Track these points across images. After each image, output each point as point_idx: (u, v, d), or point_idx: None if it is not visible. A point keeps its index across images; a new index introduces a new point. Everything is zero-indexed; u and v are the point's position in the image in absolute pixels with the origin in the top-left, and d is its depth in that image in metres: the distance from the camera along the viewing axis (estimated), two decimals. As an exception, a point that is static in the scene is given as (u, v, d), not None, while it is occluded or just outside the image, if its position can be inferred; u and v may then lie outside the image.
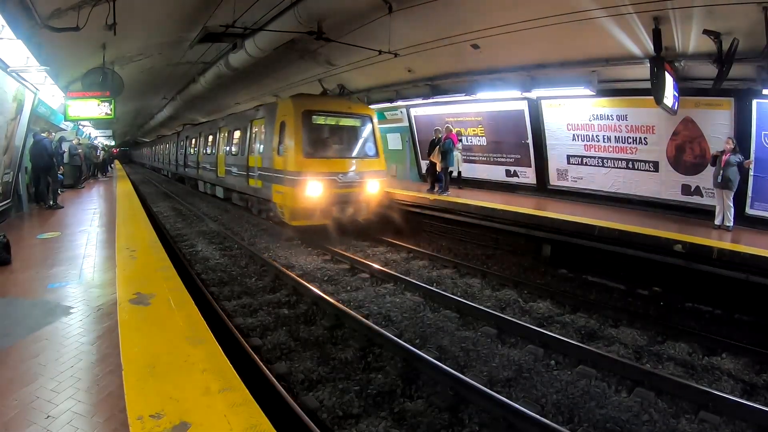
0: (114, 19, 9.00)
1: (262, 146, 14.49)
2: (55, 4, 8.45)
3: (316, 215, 12.34)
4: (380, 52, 12.31)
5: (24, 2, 7.71)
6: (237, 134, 17.25)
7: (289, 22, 10.87)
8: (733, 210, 9.96)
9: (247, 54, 13.30)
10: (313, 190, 11.98)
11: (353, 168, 12.94)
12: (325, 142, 13.26)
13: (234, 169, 17.01)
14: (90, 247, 8.59)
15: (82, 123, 22.97)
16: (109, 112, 13.78)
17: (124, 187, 20.83)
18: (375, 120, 14.01)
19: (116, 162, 48.42)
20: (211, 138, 20.90)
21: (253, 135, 15.38)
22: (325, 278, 9.76)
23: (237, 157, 16.78)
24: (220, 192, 19.62)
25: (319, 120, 13.06)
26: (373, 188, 13.24)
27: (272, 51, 13.17)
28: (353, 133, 13.83)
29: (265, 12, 11.45)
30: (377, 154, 13.78)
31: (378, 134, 14.01)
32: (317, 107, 13.24)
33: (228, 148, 18.11)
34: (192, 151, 24.96)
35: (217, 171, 19.36)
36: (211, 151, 20.56)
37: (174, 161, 31.95)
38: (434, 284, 9.28)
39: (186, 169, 26.97)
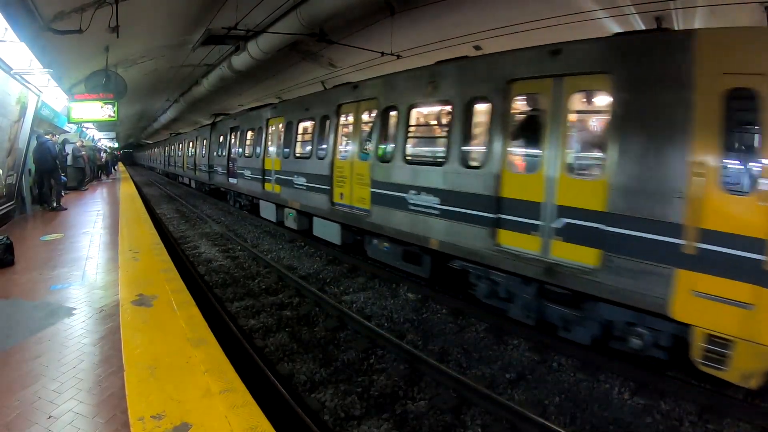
0: (117, 21, 9.03)
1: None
2: (58, 7, 8.49)
3: None
4: (382, 53, 12.32)
5: (27, 5, 7.75)
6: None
7: (292, 24, 10.89)
8: None
9: (249, 56, 13.32)
10: None
11: None
12: None
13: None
14: (93, 248, 8.61)
15: (86, 125, 23.04)
16: (112, 114, 13.84)
17: (127, 190, 20.90)
18: None
19: (120, 164, 48.61)
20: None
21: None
22: (328, 280, 9.76)
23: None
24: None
25: None
26: None
27: (275, 53, 13.18)
28: None
29: (267, 14, 11.47)
30: None
31: None
32: None
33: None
34: (254, 150, 15.98)
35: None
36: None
37: (206, 166, 23.58)
38: None
39: (237, 180, 18.03)
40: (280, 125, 13.86)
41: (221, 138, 20.59)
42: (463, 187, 7.17)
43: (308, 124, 12.33)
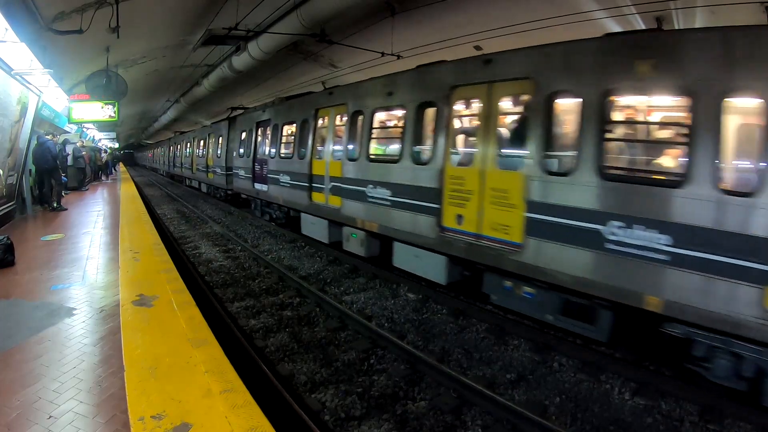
0: (117, 22, 9.04)
1: None
2: (58, 7, 8.50)
3: None
4: (383, 54, 12.34)
5: (28, 5, 7.77)
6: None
7: (292, 25, 10.91)
8: None
9: (250, 56, 13.35)
10: None
11: None
12: None
13: None
14: (93, 249, 8.61)
15: (86, 125, 23.06)
16: (112, 114, 13.86)
17: (128, 190, 20.90)
18: None
19: (120, 164, 48.66)
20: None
21: None
22: (328, 280, 9.76)
23: None
24: None
25: None
26: None
27: (275, 53, 13.21)
28: None
29: (267, 14, 11.50)
30: None
31: None
32: None
33: None
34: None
35: None
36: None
37: (222, 168, 20.67)
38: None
39: (268, 187, 14.44)
40: (341, 117, 10.52)
41: (243, 135, 17.12)
42: None
43: (395, 114, 9.48)
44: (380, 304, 8.32)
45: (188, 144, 29.38)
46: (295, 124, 12.68)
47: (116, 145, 50.63)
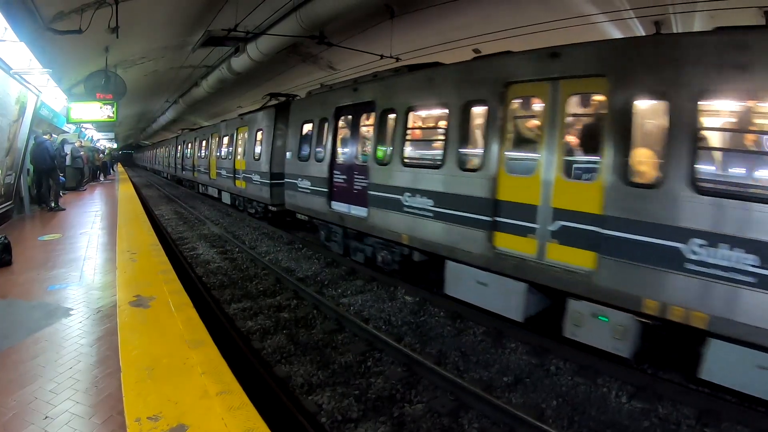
0: (117, 22, 9.05)
1: None
2: (58, 7, 8.50)
3: None
4: (382, 56, 12.36)
5: (27, 5, 7.77)
6: None
7: (291, 27, 10.93)
8: None
9: (249, 58, 13.36)
10: None
11: None
12: None
13: None
14: (91, 249, 8.60)
15: (85, 126, 23.04)
16: (111, 115, 13.86)
17: (125, 190, 20.86)
18: None
19: (119, 165, 48.61)
20: None
21: None
22: (326, 282, 9.75)
23: None
24: None
25: None
26: None
27: (274, 55, 13.22)
28: None
29: (267, 16, 11.52)
30: None
31: None
32: None
33: None
34: None
35: None
36: None
37: (261, 176, 15.19)
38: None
39: (370, 212, 9.36)
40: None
41: (308, 128, 11.92)
42: None
43: None
44: (377, 307, 8.31)
45: (204, 142, 23.40)
46: (448, 110, 7.65)
47: (115, 146, 50.53)
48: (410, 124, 8.61)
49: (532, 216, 6.24)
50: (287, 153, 12.86)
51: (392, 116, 8.87)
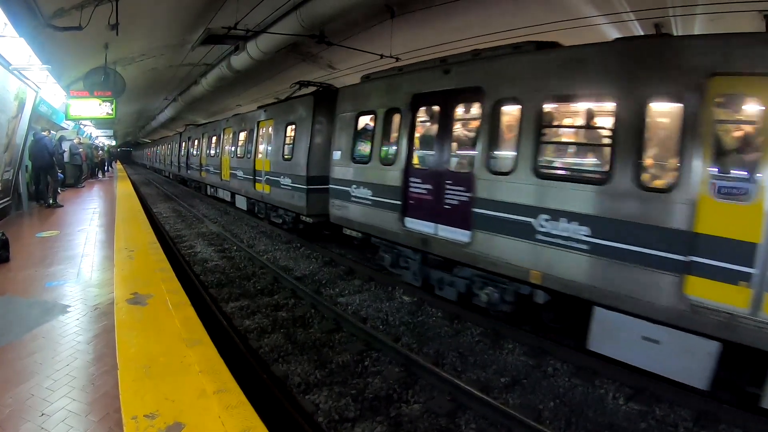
0: (117, 19, 9.01)
1: None
2: (58, 3, 8.47)
3: None
4: (381, 56, 12.34)
5: (27, 1, 7.74)
6: None
7: (292, 25, 10.90)
8: None
9: (249, 56, 13.32)
10: None
11: None
12: None
13: None
14: (89, 246, 8.58)
15: (84, 122, 23.00)
16: (110, 112, 13.80)
17: (124, 188, 20.83)
18: None
19: (117, 162, 48.55)
20: None
21: None
22: (324, 281, 9.74)
23: None
24: None
25: None
26: None
27: (274, 53, 13.18)
28: None
29: (267, 14, 11.48)
30: None
31: None
32: None
33: None
34: None
35: None
36: None
37: (294, 182, 12.57)
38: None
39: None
40: None
41: (365, 123, 9.82)
42: None
43: None
44: (375, 306, 8.31)
45: (214, 138, 21.16)
46: (617, 104, 5.67)
47: (113, 143, 50.45)
48: (550, 121, 6.48)
49: (749, 257, 4.59)
50: (334, 153, 10.46)
51: (513, 108, 6.71)
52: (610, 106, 5.73)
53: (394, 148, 8.64)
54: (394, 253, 9.03)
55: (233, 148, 18.17)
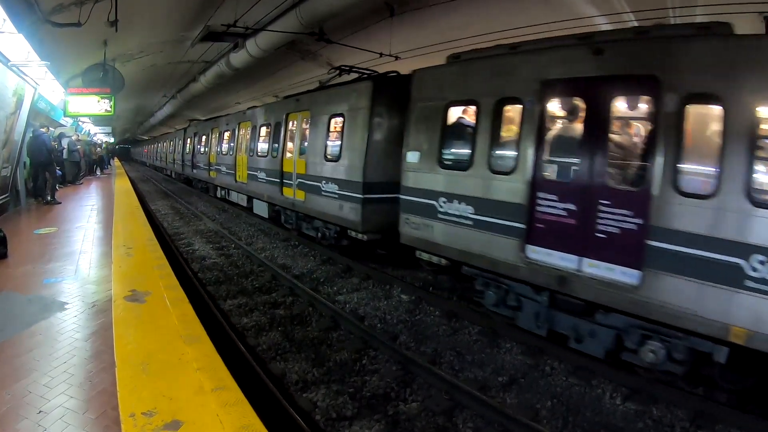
0: (116, 15, 9.01)
1: None
2: (57, 0, 8.46)
3: None
4: (381, 54, 12.34)
5: (27, -3, 7.73)
6: None
7: (291, 23, 10.89)
8: None
9: (248, 54, 13.30)
10: None
11: None
12: None
13: None
14: (87, 243, 8.57)
15: (82, 119, 22.96)
16: (108, 108, 13.81)
17: (122, 185, 20.80)
18: None
19: (116, 159, 48.47)
20: None
21: None
22: (321, 279, 9.74)
23: None
24: None
25: None
26: None
27: (273, 51, 13.17)
28: None
29: (266, 12, 11.47)
30: None
31: None
32: None
33: None
34: None
35: None
36: None
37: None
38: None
39: None
40: None
41: (453, 119, 7.75)
42: None
43: None
44: (373, 305, 8.31)
45: (227, 134, 18.64)
46: None
47: (112, 140, 50.36)
48: None
49: None
50: (409, 154, 8.18)
51: (712, 109, 4.96)
52: None
53: (513, 152, 6.57)
54: (499, 289, 7.02)
55: (253, 146, 15.45)
